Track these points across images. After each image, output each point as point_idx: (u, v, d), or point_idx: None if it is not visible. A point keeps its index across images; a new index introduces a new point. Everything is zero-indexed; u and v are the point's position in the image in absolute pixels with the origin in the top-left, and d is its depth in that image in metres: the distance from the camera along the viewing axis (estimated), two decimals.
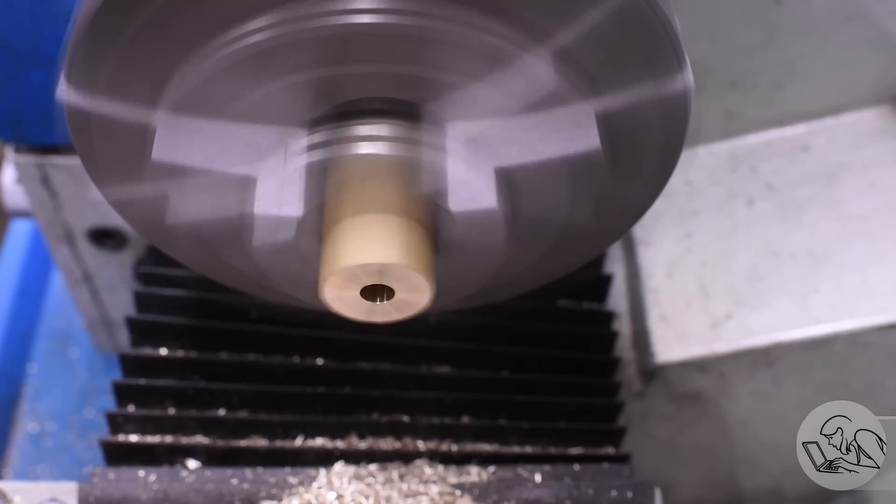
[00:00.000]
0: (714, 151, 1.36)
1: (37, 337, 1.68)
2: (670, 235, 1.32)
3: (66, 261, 1.37)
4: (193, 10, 0.70)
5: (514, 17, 0.70)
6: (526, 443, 1.08)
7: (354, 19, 0.69)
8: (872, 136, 1.33)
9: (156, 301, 1.15)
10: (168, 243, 0.90)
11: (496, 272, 0.86)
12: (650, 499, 0.96)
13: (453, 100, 0.73)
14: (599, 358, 1.17)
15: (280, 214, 0.78)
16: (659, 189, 0.84)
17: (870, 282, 1.25)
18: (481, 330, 1.11)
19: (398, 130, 0.74)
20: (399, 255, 0.75)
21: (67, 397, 1.61)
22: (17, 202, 1.37)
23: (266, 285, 0.90)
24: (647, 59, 0.73)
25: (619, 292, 1.33)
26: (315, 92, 0.74)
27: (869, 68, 1.30)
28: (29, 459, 1.55)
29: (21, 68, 1.11)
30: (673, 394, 1.32)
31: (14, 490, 0.96)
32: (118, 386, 1.09)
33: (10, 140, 1.22)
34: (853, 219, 1.29)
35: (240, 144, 0.76)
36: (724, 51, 1.25)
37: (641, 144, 0.79)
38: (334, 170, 0.76)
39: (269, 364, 1.12)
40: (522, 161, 0.77)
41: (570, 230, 0.84)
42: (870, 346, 1.25)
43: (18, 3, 1.05)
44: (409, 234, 0.76)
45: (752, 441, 1.38)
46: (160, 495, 0.97)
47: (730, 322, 1.27)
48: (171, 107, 0.74)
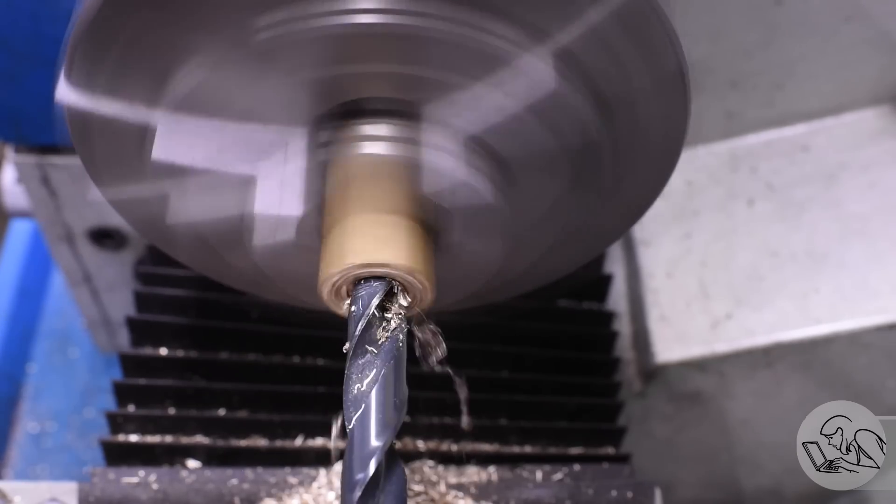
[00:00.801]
0: (714, 151, 1.36)
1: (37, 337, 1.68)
2: (670, 235, 1.32)
3: (66, 261, 1.37)
4: (193, 9, 0.70)
5: (514, 18, 0.70)
6: (526, 443, 1.08)
7: (355, 19, 0.69)
8: (872, 136, 1.33)
9: (156, 301, 1.15)
10: (168, 243, 0.90)
11: (496, 272, 0.86)
12: (650, 499, 0.96)
13: (453, 100, 0.73)
14: (599, 358, 1.17)
15: (280, 214, 0.78)
16: (659, 189, 0.84)
17: (870, 282, 1.25)
18: (481, 330, 1.11)
19: (399, 130, 0.74)
20: (399, 254, 0.75)
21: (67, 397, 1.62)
22: (17, 202, 1.37)
23: (266, 285, 0.90)
24: (647, 59, 0.73)
25: (619, 292, 1.33)
26: (316, 92, 0.74)
27: (869, 68, 1.30)
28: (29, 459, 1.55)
29: (21, 68, 1.11)
30: (673, 394, 1.32)
31: (14, 490, 0.96)
32: (118, 386, 1.09)
33: (10, 140, 1.22)
34: (853, 219, 1.29)
35: (240, 144, 0.76)
36: (724, 51, 1.25)
37: (641, 144, 0.79)
38: (335, 169, 0.76)
39: (269, 364, 1.12)
40: (522, 161, 0.77)
41: (570, 230, 0.84)
42: (870, 346, 1.25)
43: (18, 3, 1.05)
44: (410, 233, 0.76)
45: (752, 441, 1.38)
46: (160, 495, 0.97)
47: (730, 322, 1.27)
48: (171, 106, 0.74)
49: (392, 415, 0.73)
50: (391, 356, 0.74)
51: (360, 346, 0.74)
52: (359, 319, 0.74)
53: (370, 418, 0.72)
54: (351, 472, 0.71)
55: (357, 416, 0.72)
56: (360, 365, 0.74)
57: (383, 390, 0.73)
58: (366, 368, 0.73)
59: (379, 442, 0.72)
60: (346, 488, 0.72)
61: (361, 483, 0.71)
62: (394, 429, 0.72)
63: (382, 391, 0.73)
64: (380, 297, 0.75)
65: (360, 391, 0.73)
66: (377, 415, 0.72)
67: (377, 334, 0.74)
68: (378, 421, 0.72)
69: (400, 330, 0.75)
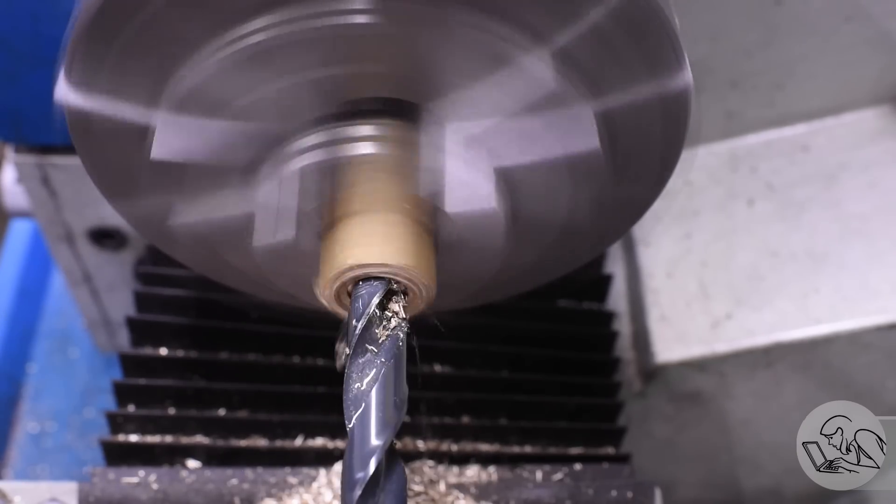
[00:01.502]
0: (714, 151, 1.36)
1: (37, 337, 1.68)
2: (670, 235, 1.32)
3: (66, 261, 1.37)
4: (193, 9, 0.70)
5: (514, 18, 0.70)
6: (526, 443, 1.08)
7: (355, 19, 0.69)
8: (872, 136, 1.33)
9: (156, 301, 1.15)
10: (168, 243, 0.90)
11: (496, 272, 0.86)
12: (650, 499, 0.96)
13: (453, 100, 0.73)
14: (599, 358, 1.17)
15: (280, 214, 0.78)
16: (659, 189, 0.84)
17: (870, 282, 1.25)
18: (481, 330, 1.11)
19: (398, 131, 0.74)
20: (399, 254, 0.75)
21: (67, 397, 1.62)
22: (17, 202, 1.37)
23: (266, 285, 0.90)
24: (647, 59, 0.73)
25: (619, 292, 1.33)
26: (315, 92, 0.74)
27: (869, 68, 1.30)
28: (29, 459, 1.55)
29: (21, 68, 1.11)
30: (673, 394, 1.32)
31: (14, 490, 0.96)
32: (118, 386, 1.09)
33: (10, 140, 1.22)
34: (853, 219, 1.29)
35: (240, 144, 0.76)
36: (724, 51, 1.25)
37: (641, 144, 0.79)
38: (334, 170, 0.76)
39: (269, 364, 1.12)
40: (522, 161, 0.77)
41: (570, 230, 0.84)
42: (870, 346, 1.25)
43: (18, 3, 1.05)
44: (409, 234, 0.76)
45: (752, 441, 1.38)
46: (160, 495, 0.97)
47: (730, 322, 1.27)
48: (171, 106, 0.74)
49: (392, 414, 0.73)
50: (391, 355, 0.74)
51: (360, 346, 0.74)
52: (359, 318, 0.74)
53: (370, 417, 0.72)
54: (351, 471, 0.72)
55: (357, 415, 0.72)
56: (360, 364, 0.74)
57: (383, 389, 0.73)
58: (366, 367, 0.74)
59: (379, 441, 0.72)
60: (346, 487, 0.72)
61: (361, 482, 0.71)
62: (394, 428, 0.72)
63: (382, 390, 0.73)
64: (380, 296, 0.75)
65: (360, 390, 0.73)
66: (377, 414, 0.72)
67: (377, 333, 0.75)
68: (378, 420, 0.72)
69: (400, 329, 0.75)
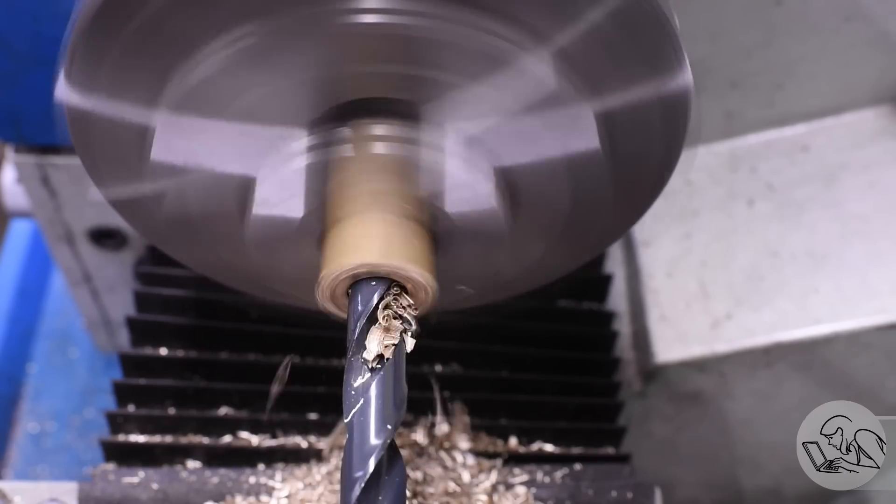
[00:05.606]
0: (714, 151, 1.36)
1: (37, 337, 1.68)
2: (670, 235, 1.32)
3: (66, 261, 1.37)
4: (193, 9, 0.70)
5: (514, 18, 0.70)
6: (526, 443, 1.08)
7: (355, 19, 0.69)
8: (872, 136, 1.33)
9: (156, 301, 1.15)
10: (168, 243, 0.90)
11: (496, 272, 0.86)
12: (650, 499, 0.96)
13: (453, 100, 0.73)
14: (599, 358, 1.17)
15: (280, 215, 0.78)
16: (659, 189, 0.84)
17: (870, 282, 1.25)
18: (481, 330, 1.11)
19: (398, 130, 0.74)
20: (399, 254, 0.75)
21: (67, 397, 1.62)
22: (17, 202, 1.37)
23: (266, 285, 0.90)
24: (647, 59, 0.73)
25: (619, 292, 1.33)
26: (315, 92, 0.74)
27: (869, 68, 1.30)
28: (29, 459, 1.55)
29: (21, 68, 1.11)
30: (673, 394, 1.32)
31: (14, 490, 0.96)
32: (118, 386, 1.09)
33: (10, 140, 1.22)
34: (853, 219, 1.29)
35: (240, 144, 0.76)
36: (724, 51, 1.25)
37: (641, 144, 0.79)
38: (334, 170, 0.76)
39: (269, 364, 1.11)
40: (522, 161, 0.77)
41: (570, 230, 0.84)
42: (870, 346, 1.26)
43: (18, 3, 1.05)
44: (410, 234, 0.76)
45: (752, 441, 1.38)
46: (160, 495, 0.97)
47: (730, 322, 1.27)
48: (171, 106, 0.74)
49: (392, 412, 0.73)
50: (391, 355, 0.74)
51: (360, 345, 0.74)
52: (359, 318, 0.74)
53: (370, 416, 0.72)
54: (350, 470, 0.72)
55: (357, 414, 0.72)
56: (359, 363, 0.74)
57: (383, 388, 0.73)
58: (365, 367, 0.74)
59: (378, 440, 0.72)
60: (346, 486, 0.72)
61: (361, 480, 0.71)
62: (393, 426, 0.72)
63: (382, 389, 0.73)
64: (380, 295, 0.75)
65: (360, 389, 0.73)
66: (377, 413, 0.72)
67: (377, 333, 0.74)
68: (378, 419, 0.72)
69: (400, 329, 0.75)
